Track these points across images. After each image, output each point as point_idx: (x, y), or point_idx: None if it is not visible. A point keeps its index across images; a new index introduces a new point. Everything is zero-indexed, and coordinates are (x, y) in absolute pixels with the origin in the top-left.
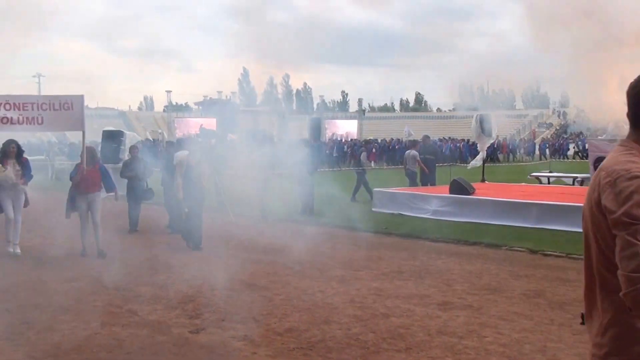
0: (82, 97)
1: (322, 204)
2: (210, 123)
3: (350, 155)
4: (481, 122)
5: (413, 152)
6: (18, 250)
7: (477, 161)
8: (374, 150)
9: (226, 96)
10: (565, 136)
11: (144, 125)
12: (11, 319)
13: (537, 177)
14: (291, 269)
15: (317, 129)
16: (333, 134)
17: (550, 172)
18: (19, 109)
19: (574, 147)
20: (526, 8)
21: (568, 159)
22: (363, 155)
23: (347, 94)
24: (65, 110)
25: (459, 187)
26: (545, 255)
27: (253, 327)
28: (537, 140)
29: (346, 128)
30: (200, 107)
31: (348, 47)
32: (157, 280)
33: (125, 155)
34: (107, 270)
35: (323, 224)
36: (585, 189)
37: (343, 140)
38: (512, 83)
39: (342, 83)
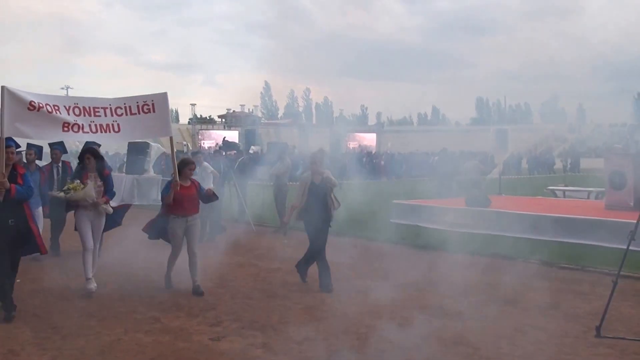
0: (165, 95)
1: (341, 214)
2: (233, 135)
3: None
4: (498, 136)
5: (473, 163)
6: (94, 286)
7: (494, 174)
8: None
9: (249, 109)
10: (581, 151)
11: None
12: (39, 323)
13: (552, 191)
14: (310, 278)
15: (337, 142)
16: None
17: (565, 185)
18: (89, 114)
19: (561, 162)
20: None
21: (555, 173)
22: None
23: (366, 108)
24: (146, 113)
25: (476, 200)
26: (561, 268)
27: (272, 336)
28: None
29: (365, 141)
30: (223, 120)
31: (367, 61)
32: (180, 288)
33: (151, 166)
34: (130, 278)
35: (341, 235)
36: (599, 203)
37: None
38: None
39: (362, 97)
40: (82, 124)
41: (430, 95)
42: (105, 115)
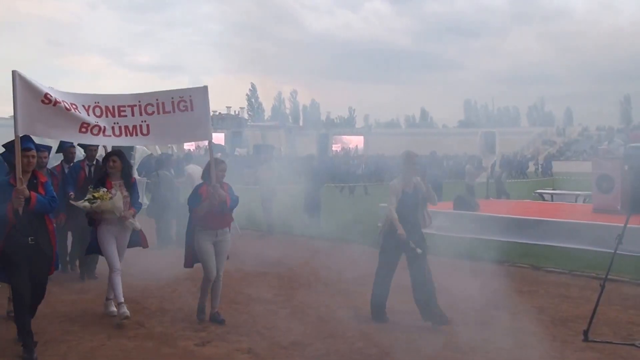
0: (205, 90)
1: (329, 218)
2: (219, 138)
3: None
4: (486, 139)
5: (469, 167)
6: (125, 311)
7: (482, 177)
8: None
9: (235, 111)
10: (569, 154)
11: None
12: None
13: (540, 194)
14: (297, 282)
15: (324, 144)
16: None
17: (553, 189)
18: (113, 115)
19: (533, 165)
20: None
21: (527, 177)
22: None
23: (353, 110)
24: (182, 111)
25: (464, 204)
26: (548, 272)
27: (258, 340)
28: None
29: (353, 143)
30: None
31: (355, 63)
32: (164, 293)
33: (135, 170)
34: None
35: (329, 238)
36: (588, 207)
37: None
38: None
39: (349, 99)
40: (104, 126)
41: (419, 97)
42: (133, 115)
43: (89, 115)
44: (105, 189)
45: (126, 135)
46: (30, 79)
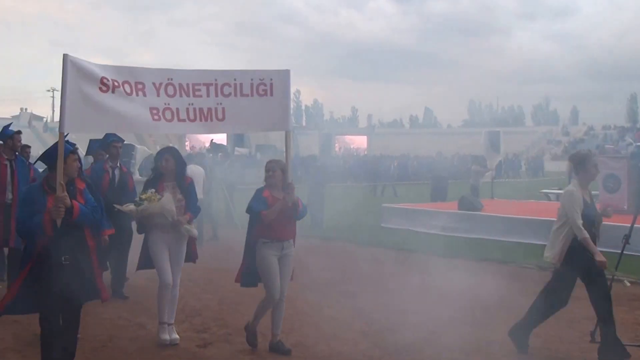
0: (287, 73)
1: (332, 218)
2: (221, 138)
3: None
4: (490, 139)
5: (475, 167)
6: (176, 336)
7: (486, 177)
8: None
9: None
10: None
11: (154, 139)
12: (20, 330)
13: (546, 194)
14: (299, 283)
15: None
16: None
17: (559, 189)
18: (187, 94)
19: (524, 164)
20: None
21: (521, 177)
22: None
23: (357, 110)
24: (261, 96)
25: (468, 204)
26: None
27: (260, 342)
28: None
29: (356, 143)
30: None
31: (358, 63)
32: None
33: (137, 169)
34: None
35: (332, 239)
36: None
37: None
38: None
39: (352, 99)
40: (178, 109)
41: (422, 97)
42: (208, 95)
43: (159, 95)
44: (153, 190)
45: (201, 119)
46: (84, 63)
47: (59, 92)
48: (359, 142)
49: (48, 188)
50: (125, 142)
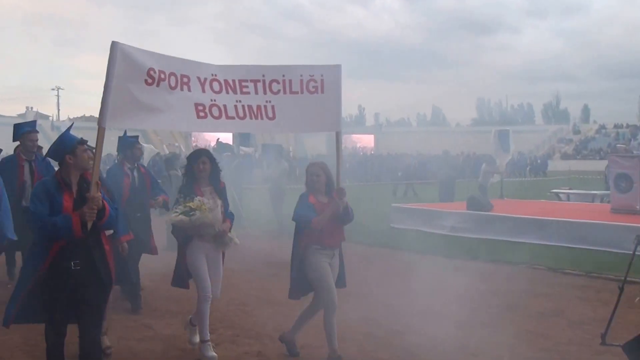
0: (338, 69)
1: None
2: (227, 137)
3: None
4: (500, 138)
5: (485, 166)
6: (212, 354)
7: (495, 177)
8: None
9: None
10: (585, 152)
11: (161, 139)
12: (28, 330)
13: (556, 194)
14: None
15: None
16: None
17: (569, 188)
18: (234, 90)
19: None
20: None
21: (526, 177)
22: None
23: (363, 108)
24: (311, 93)
25: (477, 204)
26: (564, 273)
27: (267, 344)
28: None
29: (363, 142)
30: None
31: (365, 61)
32: (173, 294)
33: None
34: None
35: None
36: (605, 206)
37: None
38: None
39: (359, 97)
40: (225, 106)
41: (430, 95)
42: (256, 92)
43: (204, 91)
44: (200, 198)
45: (251, 117)
46: (134, 51)
47: (64, 91)
48: (366, 141)
49: (64, 184)
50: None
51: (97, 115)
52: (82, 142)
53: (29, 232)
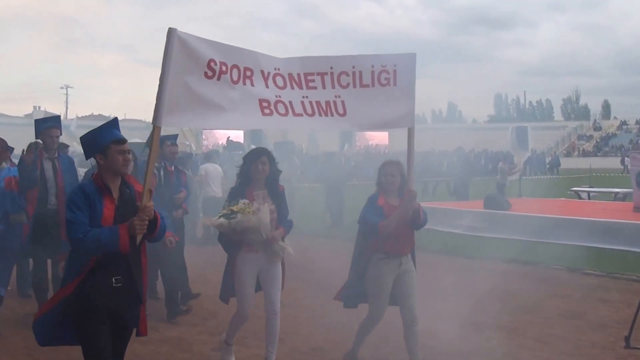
0: (412, 58)
1: (353, 217)
2: (238, 135)
3: None
4: (518, 135)
5: (502, 164)
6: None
7: (514, 175)
8: None
9: None
10: (606, 149)
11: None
12: (31, 333)
13: (576, 192)
14: (318, 285)
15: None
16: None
17: (590, 186)
18: (299, 85)
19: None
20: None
21: (546, 174)
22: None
23: None
24: (383, 86)
25: (494, 202)
26: (585, 274)
27: (277, 346)
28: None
29: (376, 139)
30: None
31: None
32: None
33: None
34: None
35: (352, 239)
36: (627, 205)
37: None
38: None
39: None
40: (291, 102)
41: (446, 91)
42: (324, 87)
43: (267, 86)
44: (245, 200)
45: (320, 114)
46: (193, 40)
47: (73, 89)
48: (380, 138)
49: (104, 188)
50: (140, 142)
51: (106, 114)
52: (119, 140)
53: (48, 239)
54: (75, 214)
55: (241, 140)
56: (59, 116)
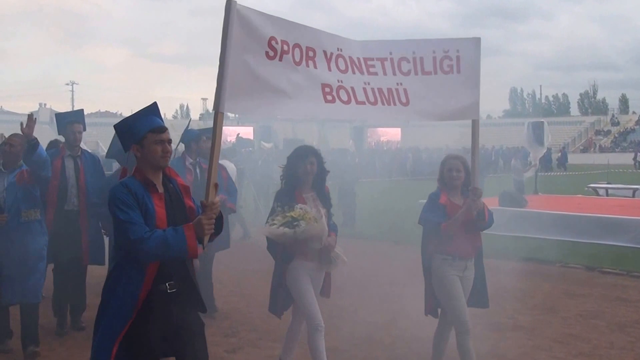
0: (477, 43)
1: (365, 215)
2: (247, 132)
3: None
4: (534, 130)
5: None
6: None
7: (529, 172)
8: None
9: None
10: (624, 144)
11: (179, 134)
12: (42, 333)
13: (594, 189)
14: (332, 285)
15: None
16: None
17: (608, 183)
18: (360, 70)
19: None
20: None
21: (553, 170)
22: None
23: None
24: (445, 73)
25: (510, 200)
26: (604, 272)
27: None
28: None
29: (388, 136)
30: (236, 115)
31: None
32: None
33: None
34: None
35: (365, 237)
36: None
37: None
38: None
39: None
40: (353, 88)
41: None
42: (385, 73)
43: (330, 69)
44: (302, 206)
45: (383, 103)
46: (253, 14)
47: (79, 86)
48: (392, 134)
49: (149, 184)
50: None
51: (112, 110)
52: (157, 128)
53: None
54: (129, 214)
55: (251, 137)
56: (81, 110)
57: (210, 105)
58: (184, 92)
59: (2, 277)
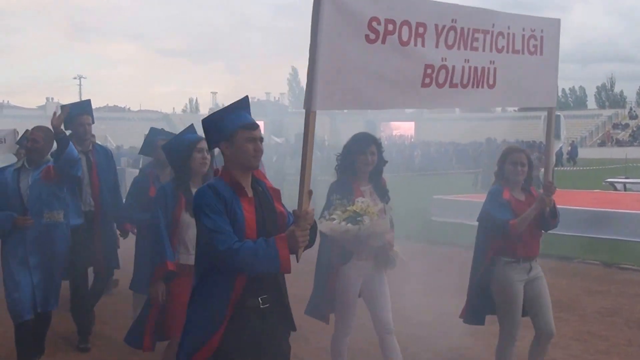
0: (557, 24)
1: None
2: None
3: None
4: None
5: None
6: None
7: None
8: None
9: (275, 97)
10: None
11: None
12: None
13: (611, 183)
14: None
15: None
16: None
17: (626, 177)
18: (465, 45)
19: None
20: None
21: (563, 165)
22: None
23: None
24: (530, 54)
25: None
26: (622, 269)
27: (302, 345)
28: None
29: (401, 130)
30: None
31: None
32: None
33: None
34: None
35: None
36: None
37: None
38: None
39: None
40: (453, 67)
41: None
42: (484, 49)
43: (437, 45)
44: (362, 199)
45: (472, 86)
46: None
47: (86, 80)
48: (405, 128)
49: (238, 187)
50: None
51: (121, 104)
52: (249, 125)
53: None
54: (216, 221)
55: (262, 130)
56: (89, 100)
57: (219, 99)
58: (193, 87)
59: (21, 286)
